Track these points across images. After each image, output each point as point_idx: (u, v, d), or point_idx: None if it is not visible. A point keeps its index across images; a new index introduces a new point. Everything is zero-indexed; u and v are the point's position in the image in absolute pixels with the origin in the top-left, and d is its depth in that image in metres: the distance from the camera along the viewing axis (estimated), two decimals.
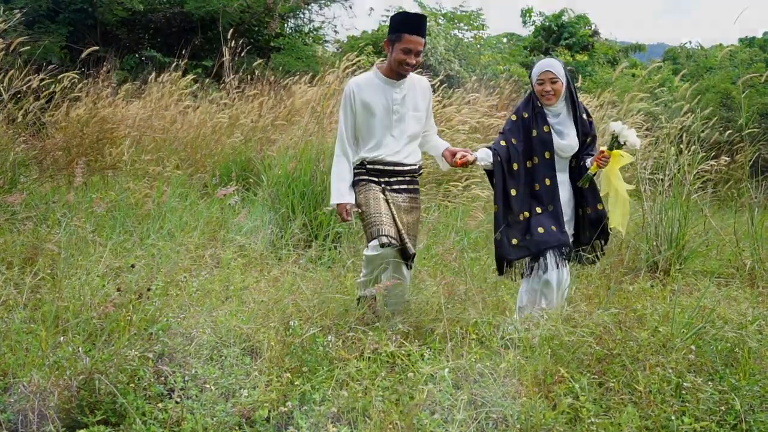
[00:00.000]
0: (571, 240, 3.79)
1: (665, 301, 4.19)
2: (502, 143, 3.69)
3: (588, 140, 3.79)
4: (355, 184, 3.71)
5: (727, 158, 8.51)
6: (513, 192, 3.66)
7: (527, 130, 3.69)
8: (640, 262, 5.38)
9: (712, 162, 8.09)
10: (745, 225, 5.81)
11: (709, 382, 2.91)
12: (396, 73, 3.65)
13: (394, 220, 3.62)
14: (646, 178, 6.05)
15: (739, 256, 5.53)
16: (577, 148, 3.72)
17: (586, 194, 3.77)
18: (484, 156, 3.67)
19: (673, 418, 2.63)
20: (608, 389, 2.93)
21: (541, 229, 3.64)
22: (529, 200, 3.68)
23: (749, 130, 7.48)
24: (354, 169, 3.73)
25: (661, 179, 5.91)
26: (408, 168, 3.75)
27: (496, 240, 3.68)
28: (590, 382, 2.87)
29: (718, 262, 5.61)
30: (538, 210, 3.67)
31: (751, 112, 10.15)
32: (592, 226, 3.78)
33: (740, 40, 18.80)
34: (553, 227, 3.65)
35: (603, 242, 3.87)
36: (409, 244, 3.63)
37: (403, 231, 3.62)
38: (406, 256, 3.67)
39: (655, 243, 5.42)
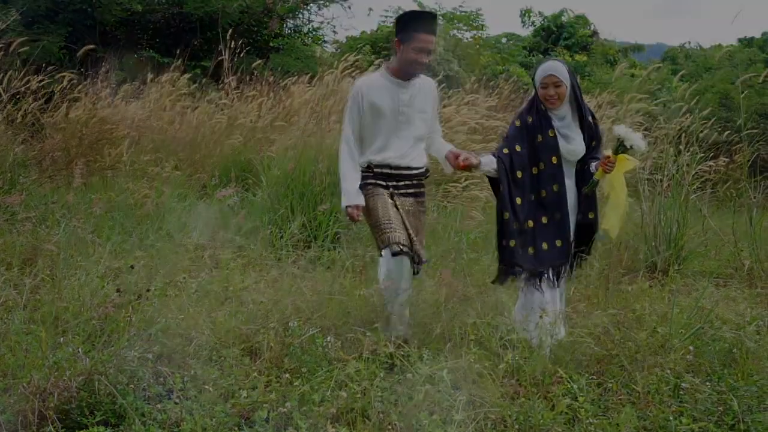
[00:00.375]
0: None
1: (664, 301, 4.20)
2: (505, 151, 3.58)
3: (593, 143, 3.66)
4: (362, 188, 3.60)
5: (725, 158, 8.50)
6: (518, 200, 3.55)
7: (532, 135, 3.57)
8: (638, 263, 5.38)
9: (711, 162, 8.08)
10: (743, 225, 5.80)
11: (707, 383, 2.92)
12: (406, 73, 3.57)
13: (405, 225, 3.54)
14: (644, 178, 6.05)
15: (737, 257, 5.54)
16: (584, 152, 3.61)
17: (582, 199, 3.64)
18: (487, 162, 3.57)
19: (671, 418, 2.64)
20: (606, 390, 2.94)
21: (545, 245, 3.54)
22: (534, 208, 3.57)
23: (748, 131, 7.47)
24: (361, 172, 3.63)
25: (660, 180, 5.91)
26: (415, 171, 3.68)
27: (506, 247, 3.56)
28: (589, 383, 2.88)
29: (717, 262, 5.61)
30: (544, 220, 3.56)
31: (749, 113, 10.14)
32: (580, 231, 3.67)
33: (739, 40, 18.83)
34: (558, 241, 3.56)
35: (586, 252, 3.75)
36: (420, 251, 3.56)
37: (414, 237, 3.53)
38: (416, 263, 3.58)
39: (653, 243, 5.43)
